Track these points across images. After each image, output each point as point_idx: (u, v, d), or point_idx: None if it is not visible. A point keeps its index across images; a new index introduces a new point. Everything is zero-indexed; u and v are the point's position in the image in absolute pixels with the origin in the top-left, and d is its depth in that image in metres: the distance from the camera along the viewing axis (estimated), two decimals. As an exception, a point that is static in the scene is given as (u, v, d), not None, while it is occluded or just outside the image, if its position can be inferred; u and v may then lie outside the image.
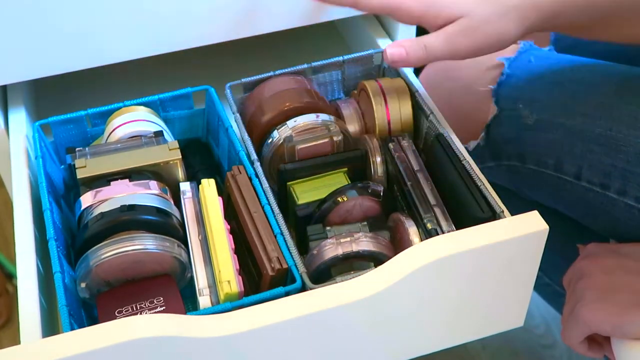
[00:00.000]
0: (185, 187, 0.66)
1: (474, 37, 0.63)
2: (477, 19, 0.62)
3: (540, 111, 0.74)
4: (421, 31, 0.84)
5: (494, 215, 0.61)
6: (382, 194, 0.65)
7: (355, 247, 0.60)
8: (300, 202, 0.67)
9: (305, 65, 0.76)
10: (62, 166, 0.72)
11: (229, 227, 0.62)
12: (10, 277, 1.21)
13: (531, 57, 0.79)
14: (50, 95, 0.88)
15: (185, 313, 0.58)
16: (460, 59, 0.65)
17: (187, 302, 0.63)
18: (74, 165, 0.65)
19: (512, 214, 0.60)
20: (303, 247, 0.65)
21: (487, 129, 0.78)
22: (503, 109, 0.77)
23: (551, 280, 0.87)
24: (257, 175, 0.65)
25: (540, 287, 0.91)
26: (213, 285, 0.59)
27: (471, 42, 0.63)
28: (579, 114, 0.71)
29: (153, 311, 0.59)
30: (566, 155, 0.72)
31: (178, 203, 0.65)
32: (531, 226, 0.58)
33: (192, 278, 0.61)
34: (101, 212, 0.61)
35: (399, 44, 0.64)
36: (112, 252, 0.58)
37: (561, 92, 0.73)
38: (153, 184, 0.64)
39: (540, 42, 0.91)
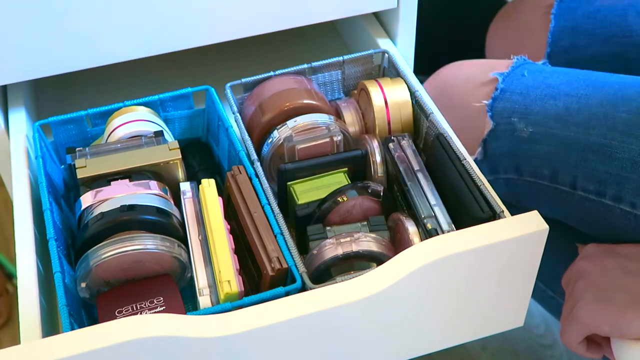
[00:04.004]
0: (185, 187, 0.66)
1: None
2: None
3: (535, 124, 0.74)
4: (419, 31, 0.84)
5: (494, 215, 0.61)
6: (382, 194, 0.65)
7: (355, 247, 0.60)
8: (300, 202, 0.67)
9: (305, 65, 0.76)
10: (62, 166, 0.72)
11: (229, 227, 0.62)
12: (10, 277, 1.21)
13: (525, 71, 0.79)
14: (50, 95, 0.88)
15: (185, 313, 0.58)
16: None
17: (187, 302, 0.63)
18: (74, 165, 0.65)
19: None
20: (303, 247, 0.65)
21: (484, 144, 0.79)
22: (498, 123, 0.77)
23: (554, 293, 0.87)
24: (257, 175, 0.65)
25: (544, 299, 0.90)
26: (213, 285, 0.59)
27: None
28: (573, 124, 0.71)
29: (153, 311, 0.59)
30: (561, 165, 0.72)
31: (178, 203, 0.65)
32: (531, 226, 0.58)
33: (192, 278, 0.61)
34: (101, 212, 0.61)
35: None
36: (112, 252, 0.58)
37: (555, 104, 0.74)
38: (153, 184, 0.64)
39: (538, 46, 0.91)
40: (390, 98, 0.72)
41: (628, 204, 0.68)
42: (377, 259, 0.61)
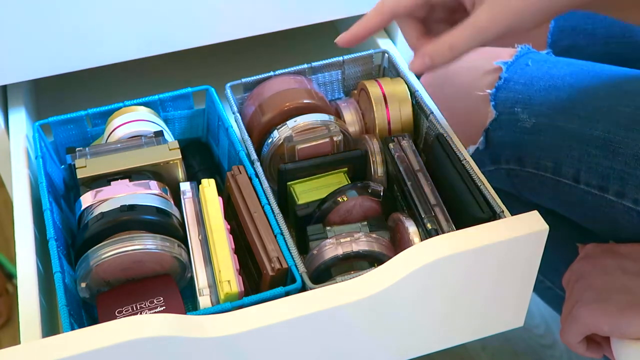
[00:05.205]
0: (185, 187, 0.66)
1: (500, 15, 0.58)
2: None
3: (538, 114, 0.74)
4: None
5: (494, 215, 0.61)
6: (382, 194, 0.65)
7: (355, 247, 0.60)
8: (300, 202, 0.67)
9: (305, 65, 0.76)
10: (62, 166, 0.72)
11: (229, 227, 0.62)
12: (10, 277, 1.21)
13: (529, 60, 0.79)
14: (50, 95, 0.88)
15: (185, 313, 0.58)
16: (491, 43, 0.61)
17: (187, 302, 0.63)
18: (74, 165, 0.65)
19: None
20: (303, 247, 0.65)
21: (486, 133, 0.78)
22: (501, 112, 0.77)
23: (552, 284, 0.87)
24: (257, 175, 0.65)
25: (542, 290, 0.91)
26: (213, 285, 0.59)
27: (504, 25, 0.58)
28: (577, 116, 0.71)
29: (153, 311, 0.59)
30: (564, 158, 0.72)
31: (178, 203, 0.65)
32: (531, 226, 0.58)
33: (192, 278, 0.61)
34: (101, 212, 0.61)
35: (422, 54, 0.61)
36: (112, 252, 0.58)
37: (559, 96, 0.74)
38: (153, 184, 0.64)
39: (538, 46, 0.91)
40: (390, 98, 0.72)
41: (631, 200, 0.68)
42: (377, 259, 0.61)
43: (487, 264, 0.59)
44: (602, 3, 0.61)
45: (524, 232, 0.57)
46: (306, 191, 0.68)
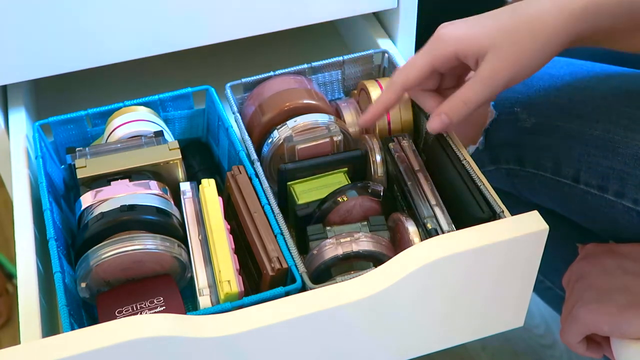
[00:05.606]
0: (185, 187, 0.66)
1: (502, 66, 0.60)
2: (505, 48, 0.60)
3: (538, 114, 0.74)
4: (420, 30, 0.84)
5: (494, 215, 0.61)
6: (382, 194, 0.65)
7: (355, 247, 0.60)
8: (300, 202, 0.67)
9: (305, 65, 0.76)
10: (62, 166, 0.72)
11: (229, 227, 0.62)
12: (10, 277, 1.21)
13: None
14: (50, 95, 0.88)
15: (185, 313, 0.58)
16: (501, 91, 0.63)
17: (187, 302, 0.63)
18: (74, 165, 0.65)
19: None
20: (303, 247, 0.65)
21: (486, 133, 0.79)
22: (501, 112, 0.77)
23: (553, 284, 0.87)
24: (257, 175, 0.65)
25: (542, 290, 0.91)
26: (213, 285, 0.59)
27: (507, 73, 0.61)
28: (576, 116, 0.71)
29: (153, 311, 0.59)
30: (564, 158, 0.72)
31: (178, 203, 0.65)
32: (531, 226, 0.58)
33: (192, 278, 0.61)
34: (101, 212, 0.61)
35: (438, 113, 0.63)
36: (112, 252, 0.58)
37: (558, 95, 0.74)
38: (153, 184, 0.64)
39: None
40: (390, 98, 0.72)
41: (630, 200, 0.68)
42: (377, 259, 0.61)
43: (487, 264, 0.59)
44: (593, 39, 0.62)
45: (524, 232, 0.57)
46: (306, 191, 0.68)
